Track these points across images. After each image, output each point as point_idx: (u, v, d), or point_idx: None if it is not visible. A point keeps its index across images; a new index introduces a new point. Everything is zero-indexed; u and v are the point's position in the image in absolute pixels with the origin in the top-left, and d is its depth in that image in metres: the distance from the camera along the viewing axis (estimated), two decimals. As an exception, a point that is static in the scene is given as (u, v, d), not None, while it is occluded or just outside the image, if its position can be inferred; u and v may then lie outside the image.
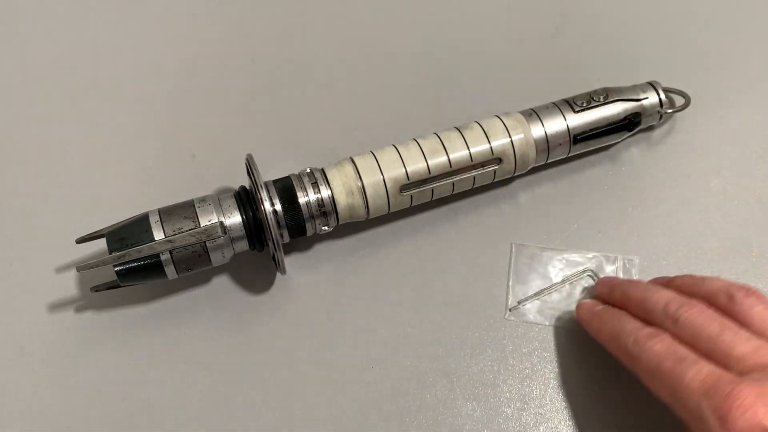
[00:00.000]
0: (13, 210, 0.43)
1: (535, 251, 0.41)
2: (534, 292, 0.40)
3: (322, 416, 0.39)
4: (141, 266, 0.36)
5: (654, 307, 0.34)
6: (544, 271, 0.41)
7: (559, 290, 0.40)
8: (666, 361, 0.31)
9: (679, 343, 0.32)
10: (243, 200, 0.38)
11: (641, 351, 0.32)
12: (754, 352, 0.30)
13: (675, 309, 0.33)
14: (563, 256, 0.41)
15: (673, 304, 0.33)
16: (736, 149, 0.44)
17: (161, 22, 0.48)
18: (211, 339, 0.40)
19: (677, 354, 0.31)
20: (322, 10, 0.48)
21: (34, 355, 0.40)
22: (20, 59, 0.47)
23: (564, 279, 0.41)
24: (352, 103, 0.46)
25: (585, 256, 0.41)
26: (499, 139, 0.39)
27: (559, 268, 0.41)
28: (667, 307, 0.33)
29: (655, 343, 0.32)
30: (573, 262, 0.41)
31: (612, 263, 0.41)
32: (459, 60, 0.47)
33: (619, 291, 0.37)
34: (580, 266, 0.41)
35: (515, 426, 0.38)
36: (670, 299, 0.34)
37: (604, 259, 0.41)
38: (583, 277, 0.41)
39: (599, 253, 0.41)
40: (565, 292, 0.40)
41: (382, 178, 0.38)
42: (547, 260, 0.41)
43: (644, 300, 0.35)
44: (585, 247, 0.41)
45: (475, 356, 0.40)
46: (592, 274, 0.41)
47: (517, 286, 0.41)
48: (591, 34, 0.47)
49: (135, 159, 0.44)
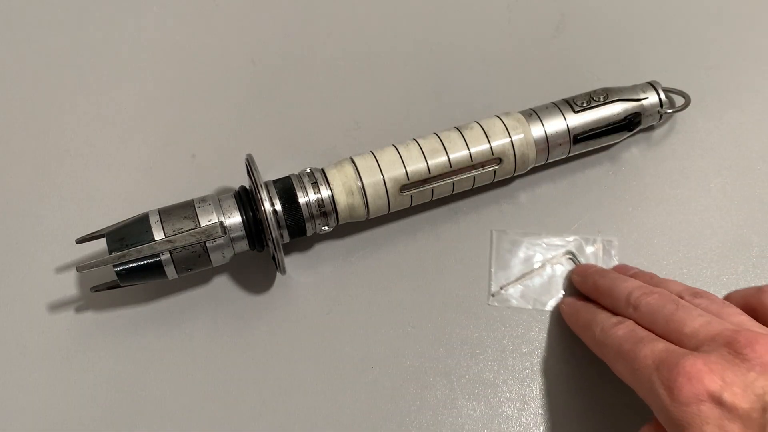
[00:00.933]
0: (13, 210, 0.43)
1: (515, 237, 0.42)
2: (515, 277, 0.41)
3: (322, 416, 0.39)
4: (141, 266, 0.36)
5: (619, 297, 0.35)
6: (525, 256, 0.41)
7: (541, 274, 0.41)
8: (626, 343, 0.33)
9: (641, 327, 0.33)
10: (243, 200, 0.38)
11: (607, 338, 0.34)
12: (705, 326, 0.31)
13: (636, 297, 0.34)
14: (543, 240, 0.41)
15: (636, 293, 0.35)
16: (736, 149, 0.44)
17: (161, 22, 0.48)
18: (211, 339, 0.40)
19: (636, 335, 0.33)
20: (322, 11, 0.48)
21: (34, 355, 0.40)
22: (20, 59, 0.47)
23: (544, 263, 0.41)
24: (352, 103, 0.46)
25: (565, 239, 0.41)
26: (499, 139, 0.39)
27: (539, 252, 0.41)
28: (630, 296, 0.35)
29: (618, 329, 0.34)
30: (553, 246, 0.41)
31: (591, 244, 0.41)
32: (459, 60, 0.47)
33: (591, 281, 0.39)
34: (560, 249, 0.41)
35: (515, 426, 0.38)
36: (634, 288, 0.35)
37: (583, 241, 0.42)
38: (563, 260, 0.41)
39: (579, 235, 0.42)
40: (546, 276, 0.41)
41: (382, 178, 0.38)
42: (528, 245, 0.42)
43: (611, 290, 0.36)
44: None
45: (475, 356, 0.40)
46: (573, 256, 0.41)
47: (499, 272, 0.41)
48: (591, 34, 0.47)
49: (135, 159, 0.44)
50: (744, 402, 0.28)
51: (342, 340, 0.40)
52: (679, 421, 0.29)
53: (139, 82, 0.46)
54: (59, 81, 0.46)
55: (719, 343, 0.30)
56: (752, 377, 0.28)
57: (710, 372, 0.29)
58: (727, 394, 0.28)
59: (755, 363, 0.29)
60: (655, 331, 0.33)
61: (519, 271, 0.41)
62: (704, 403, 0.28)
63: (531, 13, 0.48)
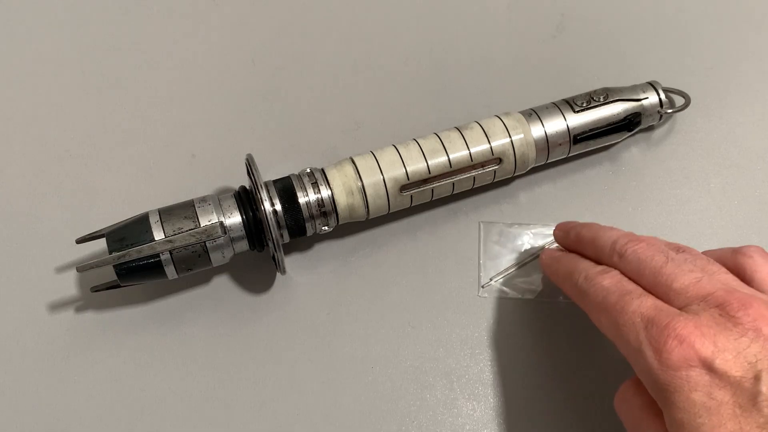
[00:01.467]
0: (13, 210, 0.43)
1: (502, 227, 0.42)
2: (504, 268, 0.41)
3: (322, 416, 0.39)
4: (141, 266, 0.36)
5: (604, 244, 0.34)
6: (513, 246, 0.41)
7: (531, 263, 0.41)
8: (611, 295, 0.31)
9: (627, 279, 0.32)
10: (243, 200, 0.38)
11: (590, 286, 0.33)
12: (695, 283, 0.30)
13: (622, 244, 0.33)
14: (530, 230, 0.42)
15: (622, 240, 0.33)
16: (736, 149, 0.44)
17: (161, 22, 0.48)
18: (211, 339, 0.40)
19: (623, 288, 0.31)
20: (322, 11, 0.48)
21: (34, 355, 0.40)
22: (20, 59, 0.47)
23: (533, 251, 0.41)
24: (352, 103, 0.46)
25: (552, 228, 0.42)
26: (499, 139, 0.39)
27: (527, 241, 0.42)
28: (616, 243, 0.33)
29: (604, 278, 0.32)
30: (540, 234, 0.42)
31: None
32: (459, 60, 0.47)
33: (574, 233, 0.37)
34: (548, 238, 0.41)
35: (515, 426, 0.38)
36: (620, 236, 0.34)
37: None
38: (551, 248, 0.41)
39: None
40: (536, 265, 0.41)
41: (382, 178, 0.38)
42: (516, 235, 0.42)
43: (595, 239, 0.35)
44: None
45: (475, 356, 0.40)
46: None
47: (488, 263, 0.41)
48: (591, 34, 0.47)
49: (135, 159, 0.44)
50: (736, 369, 0.27)
51: (342, 340, 0.40)
52: (665, 385, 0.27)
53: (139, 81, 0.46)
54: (59, 81, 0.46)
55: (710, 303, 0.29)
56: (745, 343, 0.27)
57: (702, 336, 0.27)
58: (719, 361, 0.27)
59: (748, 327, 0.27)
60: (640, 282, 0.31)
61: (508, 261, 0.41)
62: (694, 369, 0.27)
63: (531, 14, 0.48)
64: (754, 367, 0.27)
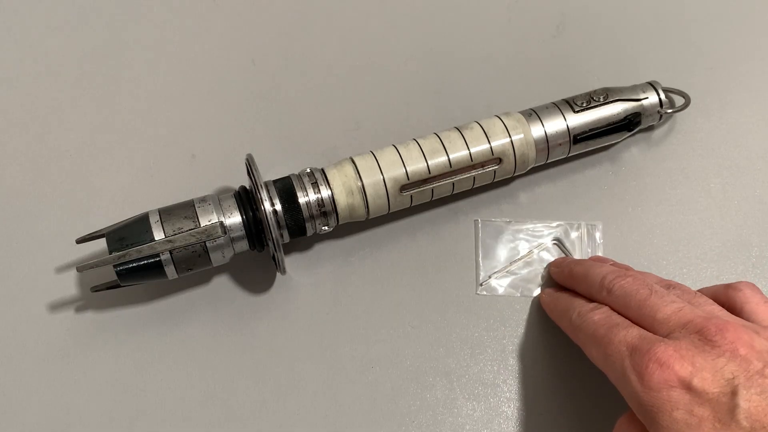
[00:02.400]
0: (13, 210, 0.43)
1: (500, 225, 0.42)
2: (502, 266, 0.41)
3: (322, 416, 0.39)
4: (141, 266, 0.36)
5: (593, 281, 0.36)
6: (511, 244, 0.42)
7: (528, 261, 0.41)
8: (601, 328, 0.33)
9: (616, 313, 0.34)
10: (243, 200, 0.38)
11: (582, 322, 0.34)
12: (676, 312, 0.31)
13: (610, 280, 0.35)
14: (527, 227, 0.42)
15: (609, 276, 0.35)
16: (736, 149, 0.44)
17: (161, 22, 0.48)
18: (211, 339, 0.40)
19: (611, 321, 0.33)
20: (322, 11, 0.48)
21: (34, 355, 0.40)
22: (20, 59, 0.47)
23: (531, 250, 0.41)
24: (352, 103, 0.46)
25: (549, 225, 0.42)
26: (499, 139, 0.39)
27: (524, 239, 0.42)
28: (604, 279, 0.35)
29: (594, 314, 0.34)
30: (538, 232, 0.42)
31: (576, 230, 0.42)
32: (459, 60, 0.47)
33: (567, 270, 0.39)
34: (546, 236, 0.42)
35: (515, 426, 0.38)
36: (608, 272, 0.35)
37: (568, 227, 0.42)
38: (549, 246, 0.42)
39: (563, 221, 0.42)
40: (534, 263, 0.41)
41: (382, 178, 0.38)
42: (513, 233, 0.42)
43: (586, 275, 0.37)
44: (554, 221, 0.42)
45: (475, 356, 0.40)
46: (558, 242, 0.41)
47: (485, 261, 0.41)
48: (591, 34, 0.47)
49: (135, 159, 0.44)
50: (713, 387, 0.28)
51: (342, 340, 0.40)
52: (649, 406, 0.29)
53: (139, 81, 0.46)
54: (59, 81, 0.46)
55: (690, 330, 0.30)
56: (722, 363, 0.29)
57: (681, 358, 0.29)
58: (697, 380, 0.28)
59: (725, 349, 0.29)
60: (628, 315, 0.33)
61: (506, 259, 0.41)
62: (674, 389, 0.29)
63: (531, 14, 0.48)
64: (731, 383, 0.28)
